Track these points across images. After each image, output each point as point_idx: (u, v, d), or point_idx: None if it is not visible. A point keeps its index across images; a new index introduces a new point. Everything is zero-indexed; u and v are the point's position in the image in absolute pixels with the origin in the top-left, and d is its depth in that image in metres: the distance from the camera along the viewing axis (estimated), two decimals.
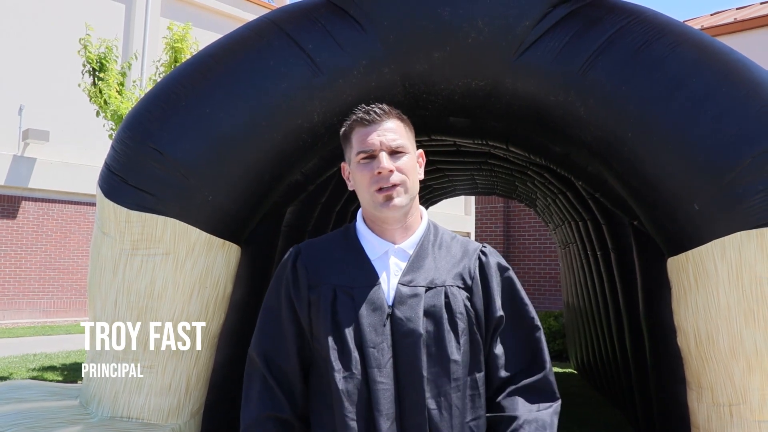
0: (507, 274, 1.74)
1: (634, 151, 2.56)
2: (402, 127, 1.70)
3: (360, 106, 1.71)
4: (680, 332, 2.64)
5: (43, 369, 8.60)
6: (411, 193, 1.67)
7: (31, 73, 15.12)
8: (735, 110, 2.38)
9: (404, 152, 1.66)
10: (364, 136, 1.66)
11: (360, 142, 1.66)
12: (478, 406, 1.64)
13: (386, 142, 1.64)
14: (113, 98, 8.08)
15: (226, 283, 2.88)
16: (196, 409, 2.89)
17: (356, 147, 1.67)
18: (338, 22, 2.72)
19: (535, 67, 2.66)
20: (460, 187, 7.61)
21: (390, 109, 1.71)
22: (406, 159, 1.66)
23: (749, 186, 2.32)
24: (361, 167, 1.66)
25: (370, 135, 1.65)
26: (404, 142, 1.67)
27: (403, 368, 1.58)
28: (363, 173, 1.65)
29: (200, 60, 2.76)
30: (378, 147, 1.64)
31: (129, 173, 2.66)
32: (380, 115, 1.67)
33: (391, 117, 1.69)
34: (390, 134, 1.66)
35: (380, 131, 1.65)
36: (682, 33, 2.54)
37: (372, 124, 1.66)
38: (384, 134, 1.65)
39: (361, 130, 1.67)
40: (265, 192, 2.89)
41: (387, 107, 1.70)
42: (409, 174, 1.66)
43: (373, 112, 1.67)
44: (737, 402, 2.40)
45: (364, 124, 1.67)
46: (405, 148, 1.67)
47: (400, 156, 1.65)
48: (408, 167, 1.66)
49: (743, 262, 2.35)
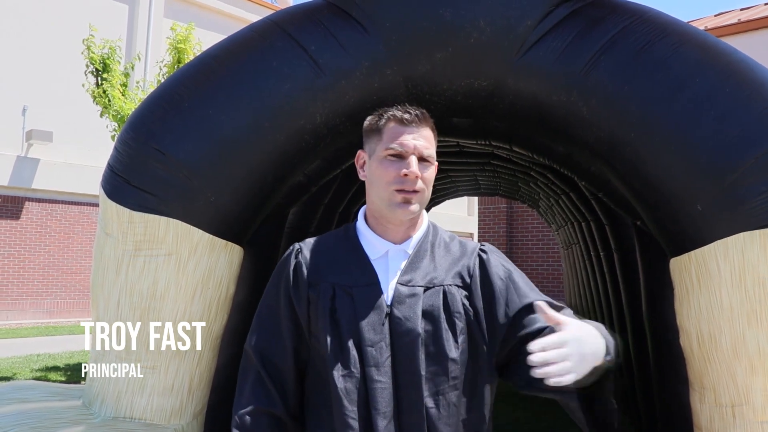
0: (511, 277, 1.72)
1: (636, 152, 2.55)
2: (432, 138, 1.72)
3: (401, 104, 1.72)
4: (683, 333, 2.64)
5: (47, 369, 8.62)
6: (424, 202, 1.68)
7: (34, 73, 15.16)
8: (738, 111, 2.38)
9: (431, 163, 1.68)
10: (399, 135, 1.66)
11: (392, 139, 1.66)
12: (477, 404, 1.64)
13: (420, 148, 1.65)
14: (116, 99, 8.10)
15: (228, 284, 2.89)
16: (199, 410, 2.90)
17: (387, 142, 1.66)
18: (340, 23, 2.72)
19: (538, 67, 2.66)
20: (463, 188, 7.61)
21: (428, 116, 1.72)
22: (431, 170, 1.68)
23: (752, 187, 2.32)
24: (387, 163, 1.65)
25: (406, 136, 1.65)
26: (433, 153, 1.69)
27: (402, 367, 1.59)
28: (387, 170, 1.65)
29: (203, 61, 2.76)
30: (411, 150, 1.64)
31: (132, 174, 2.67)
32: (420, 119, 1.68)
33: (428, 125, 1.71)
34: (424, 141, 1.67)
35: (417, 135, 1.66)
36: (685, 33, 2.54)
37: (410, 125, 1.67)
38: (419, 139, 1.66)
39: (397, 128, 1.67)
40: (268, 193, 2.89)
41: (426, 113, 1.72)
42: (428, 185, 1.68)
43: (414, 114, 1.68)
44: (740, 403, 2.39)
45: (402, 123, 1.67)
46: (432, 159, 1.69)
47: (428, 166, 1.67)
48: (430, 178, 1.68)
49: (746, 262, 2.35)
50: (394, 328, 1.61)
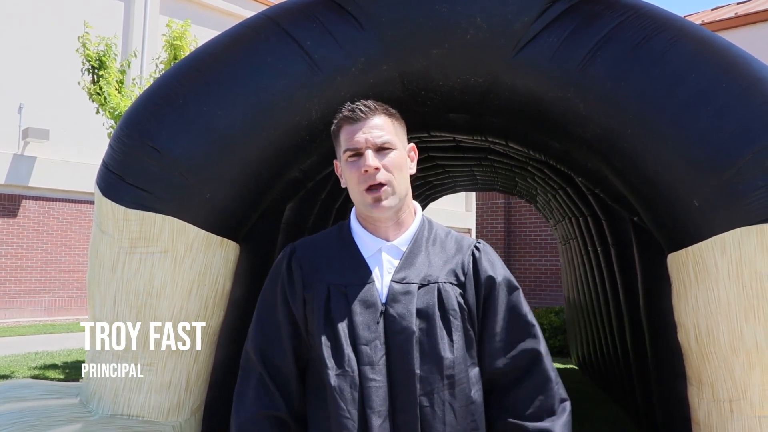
0: (508, 287, 1.72)
1: (633, 147, 2.55)
2: (389, 122, 1.69)
3: (346, 104, 1.70)
4: (680, 328, 2.64)
5: (45, 367, 8.61)
6: (399, 192, 1.65)
7: (30, 71, 15.10)
8: (735, 106, 2.37)
9: (391, 148, 1.65)
10: (351, 134, 1.65)
11: (347, 140, 1.66)
12: (471, 402, 1.63)
13: (372, 140, 1.63)
14: (113, 96, 8.07)
15: (225, 281, 2.88)
16: (197, 407, 2.90)
17: (344, 145, 1.67)
18: (336, 19, 2.71)
19: (534, 63, 2.65)
20: (461, 183, 7.60)
21: (376, 105, 1.69)
22: (393, 155, 1.65)
23: (749, 182, 2.32)
24: (350, 165, 1.65)
25: (356, 133, 1.64)
26: (390, 138, 1.66)
27: (396, 365, 1.58)
28: (351, 172, 1.65)
29: (197, 57, 2.75)
30: (363, 145, 1.63)
31: (126, 171, 2.66)
32: (365, 112, 1.66)
33: (378, 113, 1.68)
34: (376, 131, 1.64)
35: (366, 128, 1.64)
36: (682, 28, 2.53)
37: (358, 121, 1.65)
38: (370, 131, 1.64)
39: (348, 128, 1.66)
40: (264, 190, 2.88)
41: (373, 103, 1.69)
42: (396, 171, 1.64)
43: (359, 109, 1.66)
44: (737, 398, 2.39)
45: (351, 122, 1.66)
46: (392, 144, 1.66)
47: (387, 152, 1.64)
48: (395, 164, 1.65)
49: (743, 258, 2.35)
50: (389, 326, 1.60)
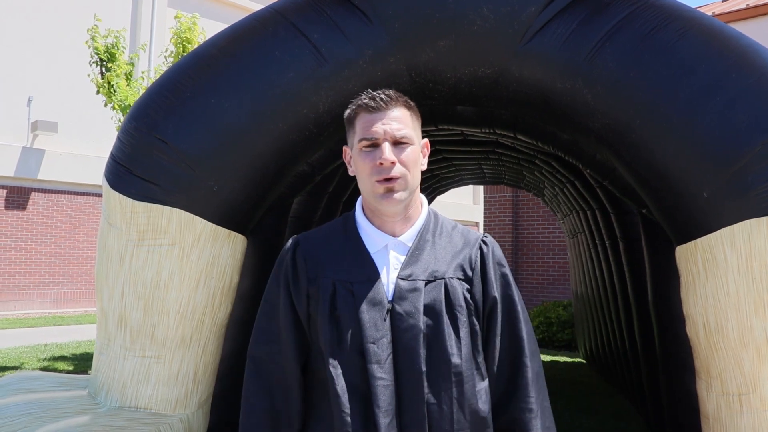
0: (504, 271, 1.72)
1: (642, 139, 2.53)
2: (408, 116, 1.65)
3: (366, 91, 1.66)
4: (689, 321, 2.62)
5: (54, 359, 8.67)
6: (411, 187, 1.62)
7: (39, 64, 15.17)
8: (745, 97, 2.35)
9: (408, 143, 1.62)
10: (369, 123, 1.61)
11: (364, 129, 1.61)
12: (478, 399, 1.61)
13: (390, 132, 1.59)
14: (121, 89, 8.09)
15: (232, 274, 2.88)
16: (204, 399, 2.91)
17: (359, 133, 1.62)
18: (343, 11, 2.70)
19: (542, 54, 2.63)
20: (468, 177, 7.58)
21: (397, 95, 1.65)
22: (410, 151, 1.61)
23: (759, 173, 2.30)
24: (363, 155, 1.61)
25: (375, 123, 1.60)
26: (409, 133, 1.62)
27: (403, 363, 1.56)
28: (364, 162, 1.61)
29: (205, 50, 2.75)
30: (382, 136, 1.59)
31: (134, 164, 2.66)
32: (386, 102, 1.61)
33: (398, 105, 1.63)
34: (395, 123, 1.60)
35: (386, 120, 1.60)
36: (692, 19, 2.51)
37: (377, 111, 1.61)
38: (389, 123, 1.60)
39: (365, 116, 1.62)
40: (271, 182, 2.88)
41: (394, 94, 1.65)
42: (410, 167, 1.61)
43: (380, 98, 1.62)
44: (747, 391, 2.38)
45: (370, 111, 1.61)
46: (409, 139, 1.62)
47: (404, 147, 1.61)
48: (410, 160, 1.61)
49: (753, 250, 2.33)
50: (396, 324, 1.58)
